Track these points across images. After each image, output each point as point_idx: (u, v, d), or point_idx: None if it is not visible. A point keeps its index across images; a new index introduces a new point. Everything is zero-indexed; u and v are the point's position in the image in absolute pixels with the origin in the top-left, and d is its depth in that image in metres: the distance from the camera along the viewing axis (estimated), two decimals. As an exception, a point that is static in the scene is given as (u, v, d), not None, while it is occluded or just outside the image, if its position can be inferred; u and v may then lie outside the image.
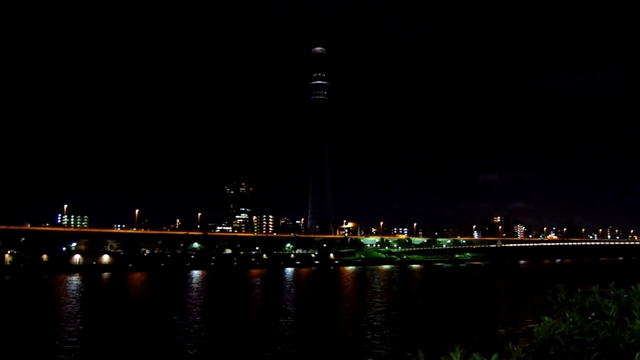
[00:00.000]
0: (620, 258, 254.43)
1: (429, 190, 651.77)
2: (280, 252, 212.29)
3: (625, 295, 5.03)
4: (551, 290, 5.38)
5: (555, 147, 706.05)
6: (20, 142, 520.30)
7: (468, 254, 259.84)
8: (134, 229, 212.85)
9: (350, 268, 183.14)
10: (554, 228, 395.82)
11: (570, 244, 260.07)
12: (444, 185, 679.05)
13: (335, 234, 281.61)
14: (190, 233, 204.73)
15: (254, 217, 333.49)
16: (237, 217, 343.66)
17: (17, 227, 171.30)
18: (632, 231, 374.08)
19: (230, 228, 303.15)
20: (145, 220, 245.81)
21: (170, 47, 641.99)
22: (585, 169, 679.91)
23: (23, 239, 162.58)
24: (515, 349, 4.07)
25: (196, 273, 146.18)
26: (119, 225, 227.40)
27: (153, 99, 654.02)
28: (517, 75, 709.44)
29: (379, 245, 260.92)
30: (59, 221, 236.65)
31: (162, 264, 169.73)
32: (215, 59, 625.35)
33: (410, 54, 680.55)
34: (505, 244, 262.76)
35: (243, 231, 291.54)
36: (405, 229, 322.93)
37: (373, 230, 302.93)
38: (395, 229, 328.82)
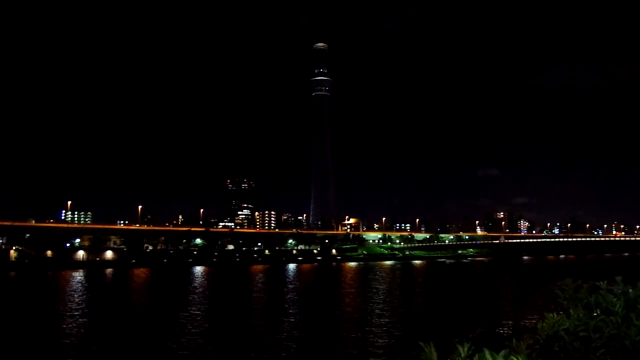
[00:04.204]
0: (626, 254, 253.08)
1: (432, 186, 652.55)
2: (283, 248, 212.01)
3: (632, 291, 4.91)
4: (560, 284, 5.22)
5: (559, 142, 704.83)
6: (24, 139, 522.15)
7: (471, 249, 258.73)
8: (137, 225, 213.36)
9: (352, 264, 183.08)
10: (557, 224, 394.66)
11: (574, 239, 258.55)
12: (446, 180, 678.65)
13: (337, 229, 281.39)
14: (192, 229, 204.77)
15: (256, 213, 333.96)
16: (240, 213, 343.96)
17: (21, 224, 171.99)
18: (637, 227, 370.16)
19: (232, 224, 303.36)
20: (148, 217, 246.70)
21: (172, 43, 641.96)
22: (590, 164, 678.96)
23: (28, 235, 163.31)
24: (519, 345, 3.98)
25: (198, 269, 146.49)
26: (122, 222, 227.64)
27: (155, 95, 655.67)
28: (520, 70, 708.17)
29: (381, 241, 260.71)
30: (63, 217, 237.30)
31: (165, 260, 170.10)
32: (217, 56, 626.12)
33: (411, 50, 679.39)
34: (508, 239, 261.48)
35: (245, 227, 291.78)
36: (408, 225, 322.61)
37: (375, 226, 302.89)
38: (397, 224, 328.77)
